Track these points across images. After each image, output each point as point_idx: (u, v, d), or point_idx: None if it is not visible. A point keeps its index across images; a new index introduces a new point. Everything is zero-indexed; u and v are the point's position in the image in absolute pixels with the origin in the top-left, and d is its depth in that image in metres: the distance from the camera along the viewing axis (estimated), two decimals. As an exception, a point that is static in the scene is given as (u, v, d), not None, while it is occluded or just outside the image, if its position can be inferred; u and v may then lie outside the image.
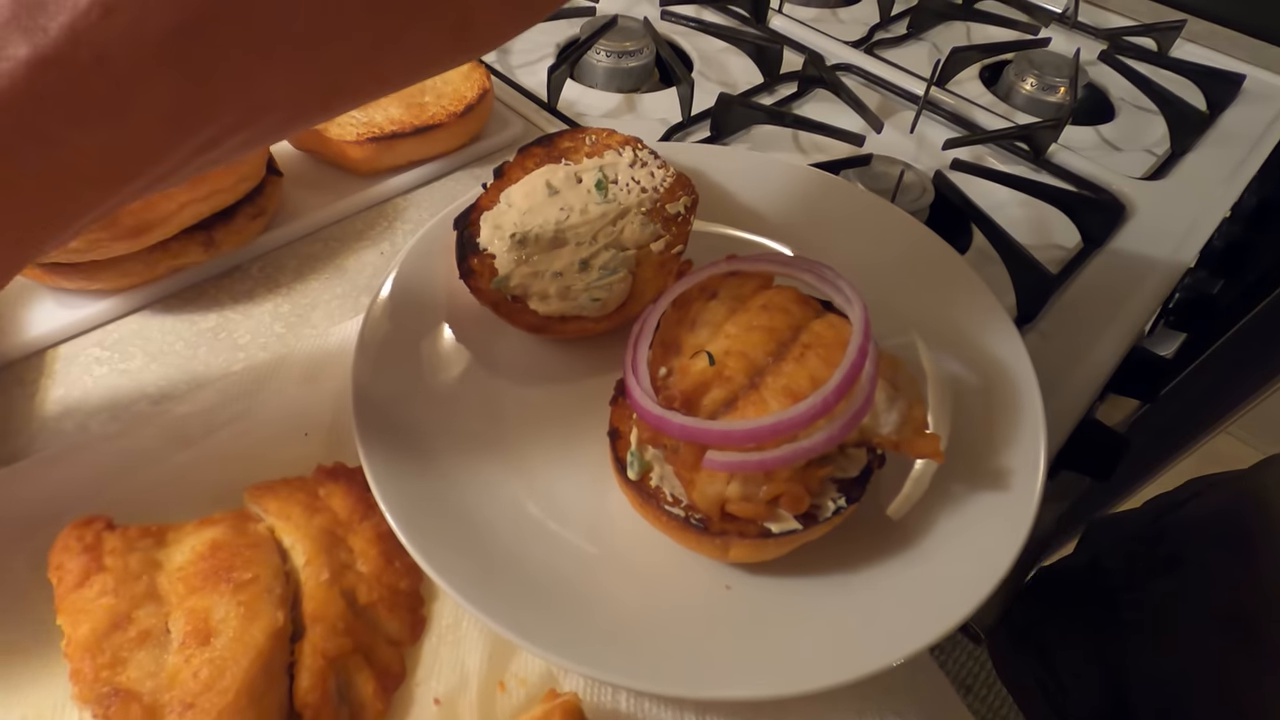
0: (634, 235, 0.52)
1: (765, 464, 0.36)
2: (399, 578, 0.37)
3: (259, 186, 0.57)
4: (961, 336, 0.49)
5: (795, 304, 0.42)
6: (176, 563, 0.34)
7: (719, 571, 0.39)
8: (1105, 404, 0.68)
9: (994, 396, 0.45)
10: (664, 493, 0.39)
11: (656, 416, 0.38)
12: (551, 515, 0.41)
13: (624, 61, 0.82)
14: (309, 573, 0.36)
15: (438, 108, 0.66)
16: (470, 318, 0.50)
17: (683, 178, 0.55)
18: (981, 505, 0.41)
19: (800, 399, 0.37)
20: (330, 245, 0.61)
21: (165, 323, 0.54)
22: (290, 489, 0.39)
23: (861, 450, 0.39)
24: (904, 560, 0.39)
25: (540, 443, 0.44)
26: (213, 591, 0.33)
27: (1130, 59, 0.90)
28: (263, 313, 0.55)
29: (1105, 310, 0.61)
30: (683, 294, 0.44)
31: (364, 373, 0.44)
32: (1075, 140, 0.81)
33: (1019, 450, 0.43)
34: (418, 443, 0.42)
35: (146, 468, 0.43)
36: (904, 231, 0.55)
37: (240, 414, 0.46)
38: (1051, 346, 0.58)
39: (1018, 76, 0.89)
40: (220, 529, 0.36)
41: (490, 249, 0.51)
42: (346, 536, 0.38)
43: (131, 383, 0.50)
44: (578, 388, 0.48)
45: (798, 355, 0.39)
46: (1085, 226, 0.68)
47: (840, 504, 0.38)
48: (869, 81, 0.86)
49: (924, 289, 0.52)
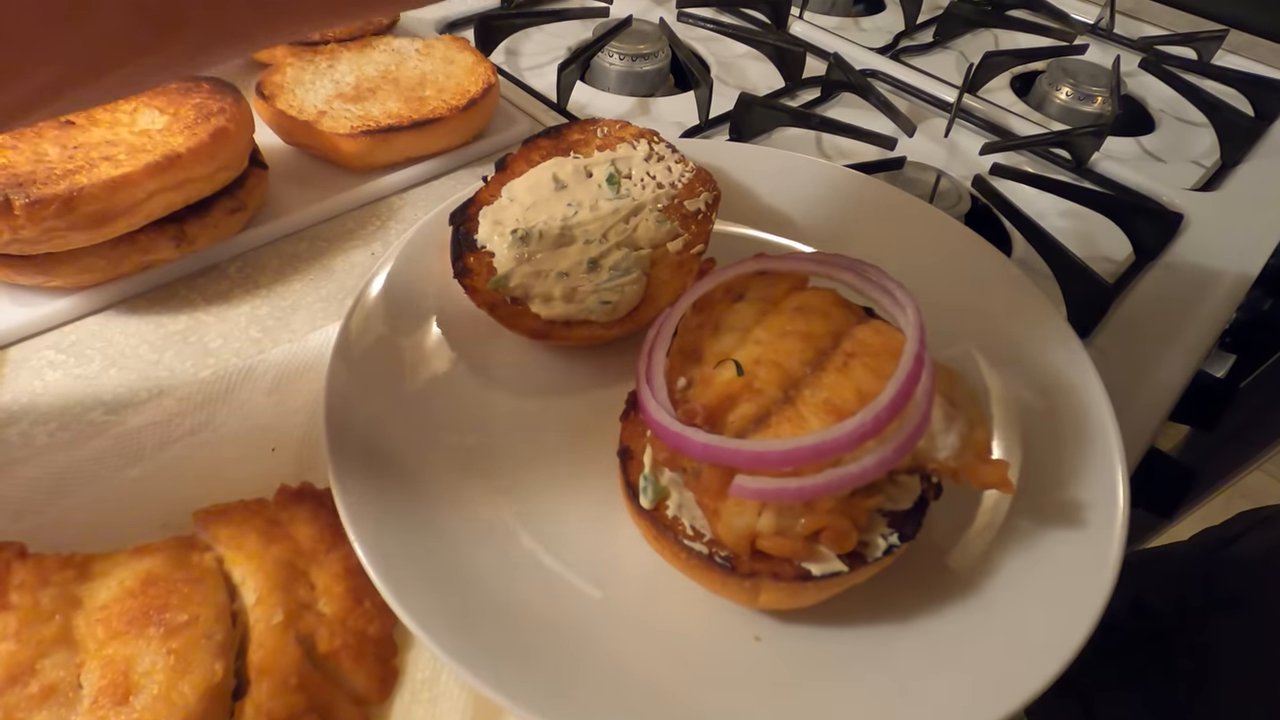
0: (649, 233, 0.46)
1: (804, 492, 0.30)
2: (368, 621, 0.32)
3: (240, 179, 0.52)
4: (1019, 349, 0.43)
5: (835, 307, 0.36)
6: (100, 600, 0.29)
7: (747, 620, 0.33)
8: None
9: (1060, 418, 0.40)
10: (683, 524, 0.33)
11: (675, 434, 0.32)
12: (549, 550, 0.35)
13: (638, 64, 0.78)
14: (259, 614, 0.30)
15: (438, 101, 0.61)
16: (464, 322, 0.45)
17: (703, 173, 0.50)
18: (1054, 545, 0.35)
19: (845, 415, 0.31)
20: (317, 245, 0.56)
21: (129, 324, 0.49)
22: (247, 513, 0.34)
23: (915, 478, 0.34)
24: (963, 609, 0.33)
25: (539, 464, 0.39)
26: (138, 637, 0.27)
27: (1173, 67, 0.85)
28: (238, 315, 0.50)
29: (1167, 327, 0.56)
30: (705, 295, 0.39)
31: (340, 381, 0.39)
32: (1116, 150, 0.76)
33: (1094, 481, 0.37)
34: (398, 463, 0.37)
35: (87, 485, 0.38)
36: (948, 235, 0.50)
37: (201, 425, 0.41)
38: (1109, 366, 0.52)
39: (1051, 85, 0.84)
40: (158, 559, 0.30)
41: (489, 246, 0.46)
42: (309, 570, 0.33)
43: (86, 389, 0.45)
44: (583, 401, 0.42)
45: (840, 365, 0.34)
46: (1138, 237, 0.62)
47: (892, 541, 0.32)
48: (896, 88, 0.81)
49: (974, 297, 0.46)
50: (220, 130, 0.49)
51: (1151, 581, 0.78)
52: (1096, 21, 0.98)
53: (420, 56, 0.66)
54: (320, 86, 0.62)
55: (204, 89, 0.53)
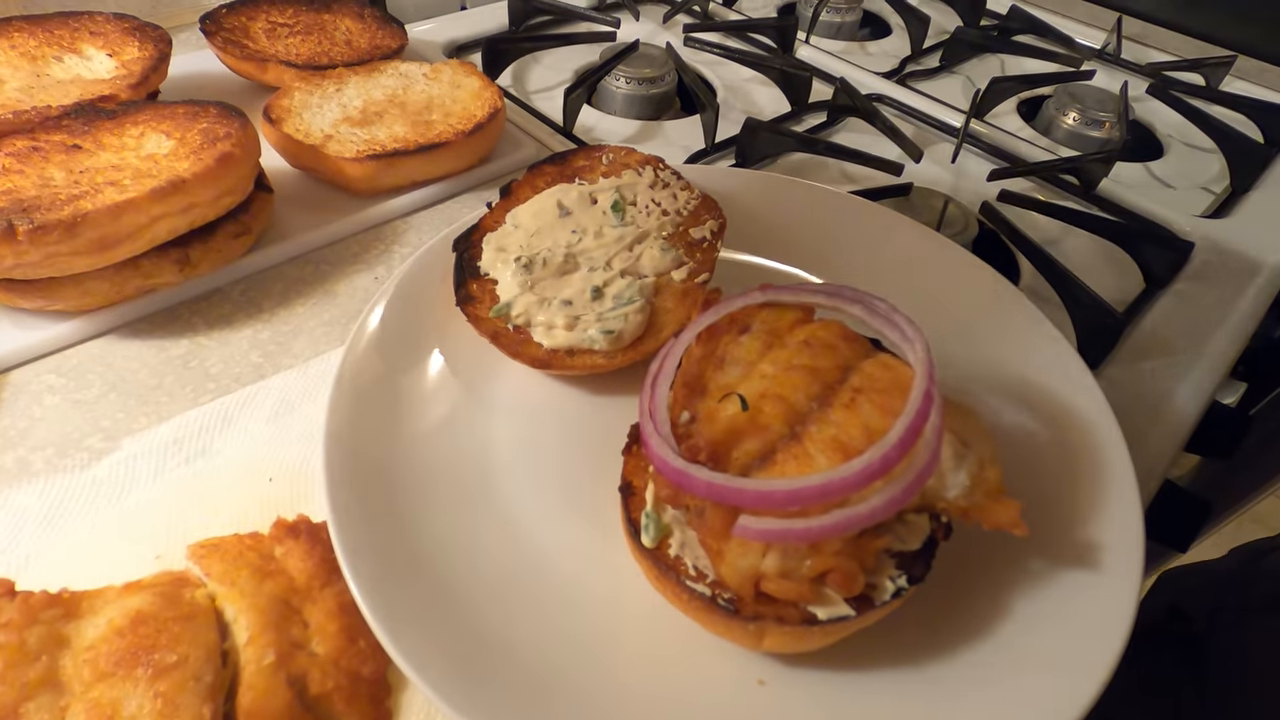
0: (653, 261, 0.46)
1: (810, 534, 0.29)
2: (362, 661, 0.31)
3: (245, 203, 0.52)
4: (1030, 383, 0.42)
5: (842, 340, 0.36)
6: (88, 639, 0.28)
7: (751, 663, 0.32)
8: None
9: (1073, 455, 0.39)
10: (685, 564, 0.32)
11: (677, 470, 0.31)
12: (549, 590, 0.34)
13: (644, 88, 0.78)
14: (250, 654, 0.29)
15: (445, 126, 0.61)
16: (466, 350, 0.44)
17: (709, 200, 0.50)
18: (1070, 589, 0.34)
19: (853, 453, 0.31)
20: (321, 268, 0.56)
21: (131, 348, 0.49)
22: (241, 547, 0.33)
23: (924, 518, 0.33)
24: (976, 654, 0.32)
25: (539, 498, 0.38)
26: (126, 678, 0.27)
27: (1181, 93, 0.85)
28: (240, 339, 0.50)
29: (1179, 357, 0.55)
30: (710, 327, 0.38)
31: (340, 414, 0.38)
32: (1125, 176, 0.75)
33: (1110, 520, 0.36)
34: (396, 497, 0.36)
35: (82, 514, 0.37)
36: (956, 264, 0.50)
37: (198, 453, 0.41)
38: (1121, 397, 0.51)
39: (1059, 110, 0.84)
40: (148, 596, 0.30)
41: (492, 273, 0.46)
42: (303, 607, 0.32)
43: (85, 415, 0.44)
44: (586, 433, 0.41)
45: (847, 401, 0.33)
46: (1149, 265, 0.62)
47: (901, 584, 0.31)
48: (902, 112, 0.81)
49: (983, 328, 0.45)
50: (225, 155, 0.49)
51: (1189, 589, 0.77)
52: (1104, 47, 0.98)
53: (428, 81, 0.67)
54: (327, 110, 0.62)
55: (211, 114, 0.53)
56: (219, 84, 0.70)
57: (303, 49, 0.71)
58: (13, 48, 0.61)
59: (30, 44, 0.62)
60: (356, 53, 0.71)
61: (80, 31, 0.63)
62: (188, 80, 0.70)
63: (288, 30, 0.73)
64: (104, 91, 0.57)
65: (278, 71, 0.67)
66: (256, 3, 0.74)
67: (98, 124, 0.51)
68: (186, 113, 0.53)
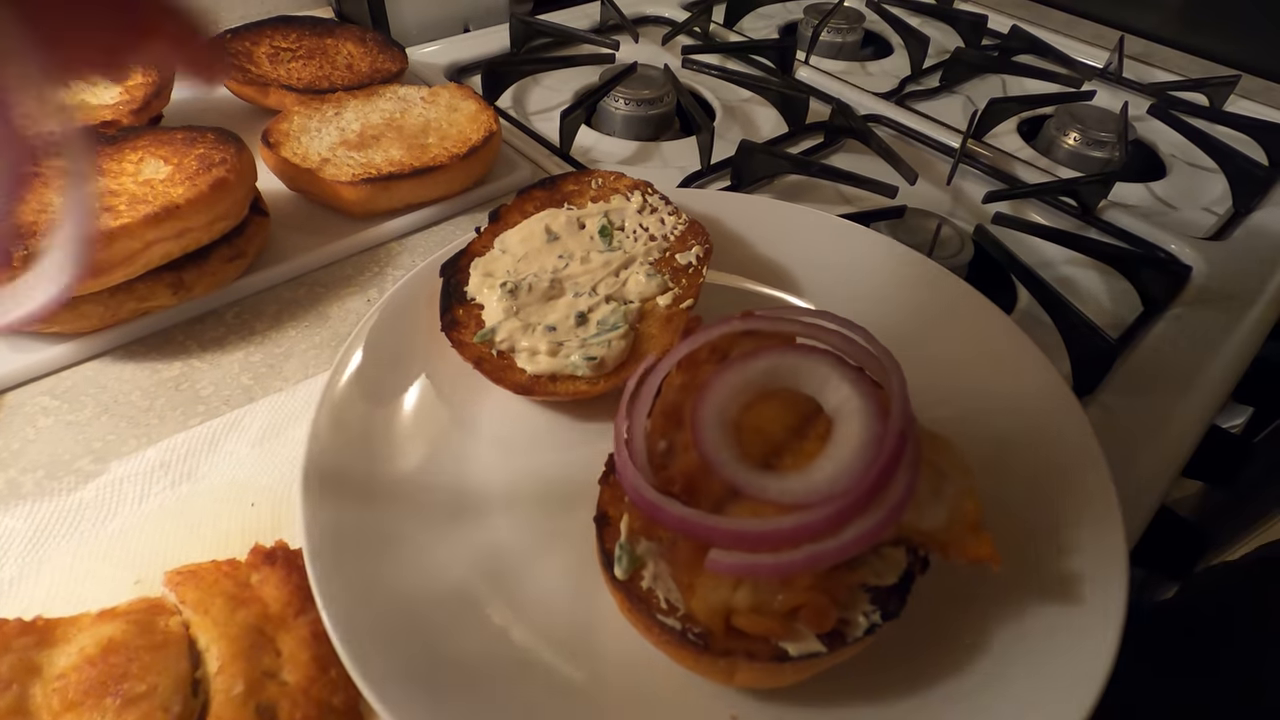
0: (639, 287, 0.46)
1: (781, 568, 0.29)
2: (332, 691, 0.31)
3: (240, 227, 0.53)
4: (1014, 411, 0.42)
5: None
6: (59, 668, 0.28)
7: (722, 698, 0.32)
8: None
9: (1056, 485, 0.38)
10: (658, 597, 0.32)
11: (650, 503, 0.31)
12: (523, 623, 0.34)
13: (643, 109, 0.79)
14: (220, 684, 0.29)
15: (440, 149, 0.62)
16: (451, 375, 0.44)
17: (696, 225, 0.50)
18: (1051, 623, 0.33)
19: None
20: (315, 290, 0.56)
21: (124, 371, 0.49)
22: (217, 574, 0.33)
23: (900, 551, 0.32)
24: (953, 690, 0.32)
25: (517, 527, 0.38)
26: (94, 708, 0.27)
27: (1182, 114, 0.84)
28: (231, 362, 0.50)
29: (1176, 382, 0.54)
30: (690, 355, 0.38)
31: (321, 437, 0.38)
32: (1125, 197, 0.75)
33: (1092, 551, 0.35)
34: (372, 525, 0.36)
35: (66, 537, 0.38)
36: (944, 289, 0.49)
37: (184, 476, 0.41)
38: (1116, 423, 0.51)
39: (1059, 130, 0.83)
40: (121, 624, 0.30)
41: (479, 298, 0.46)
42: (276, 635, 0.32)
43: (77, 437, 0.45)
44: (565, 460, 0.41)
45: (823, 432, 0.33)
46: (1146, 289, 0.61)
47: (874, 619, 0.31)
48: (900, 133, 0.81)
49: (968, 355, 0.45)
50: (220, 181, 0.49)
51: (1204, 589, 0.75)
52: (1105, 67, 0.97)
53: (425, 104, 0.67)
54: (326, 134, 0.63)
55: (208, 139, 0.54)
56: (221, 108, 0.72)
57: (304, 73, 0.72)
58: (21, 74, 0.62)
59: (38, 70, 0.63)
60: (357, 76, 0.72)
61: (87, 58, 0.65)
62: (191, 104, 0.71)
63: (290, 55, 0.74)
64: (106, 117, 0.58)
65: (279, 95, 0.68)
66: (260, 28, 0.75)
67: (97, 150, 0.52)
68: (184, 138, 0.54)
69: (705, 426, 0.33)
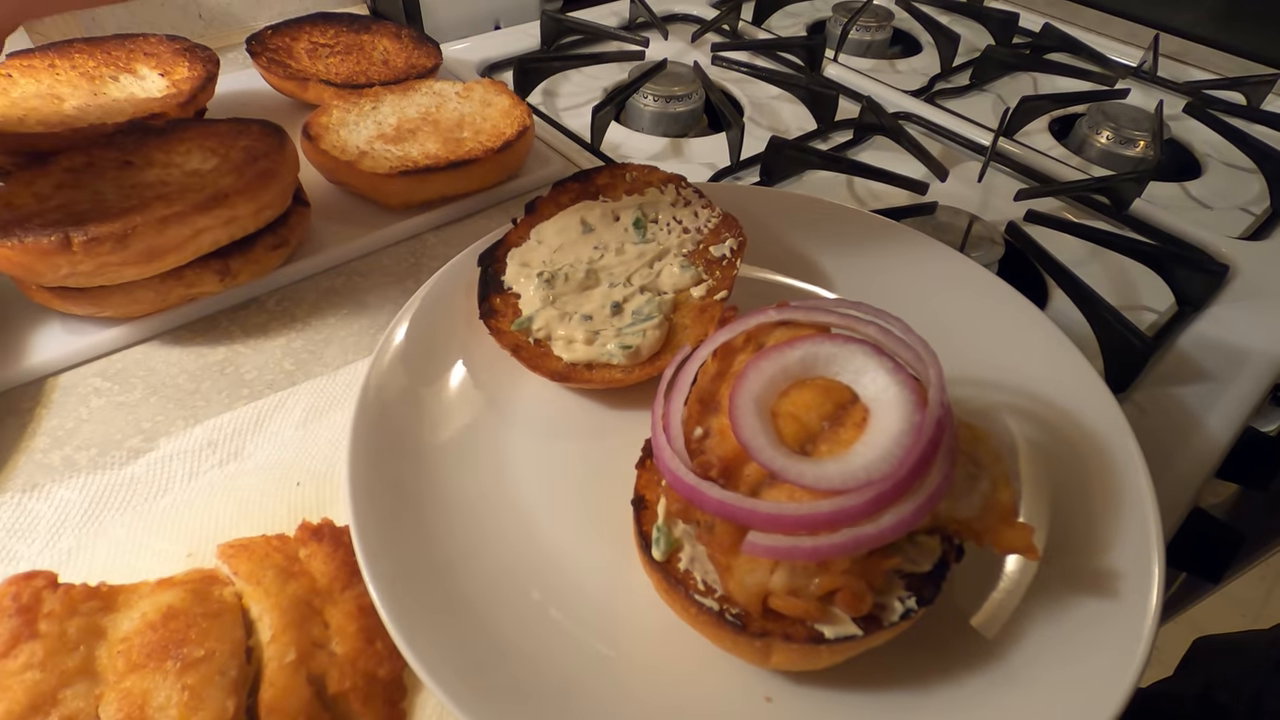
0: (673, 278, 0.47)
1: (819, 552, 0.30)
2: (378, 663, 0.32)
3: (283, 216, 0.54)
4: (1049, 406, 0.42)
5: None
6: (122, 631, 0.30)
7: (758, 679, 0.33)
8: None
9: (1092, 480, 0.38)
10: (695, 579, 0.32)
11: (689, 486, 0.32)
12: (560, 602, 0.35)
13: (672, 106, 0.79)
14: (273, 651, 0.30)
15: (475, 143, 0.63)
16: (488, 362, 0.45)
17: (729, 218, 0.50)
18: (1084, 616, 0.33)
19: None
20: (353, 280, 0.58)
21: (171, 354, 0.51)
22: (268, 548, 0.34)
23: (935, 539, 0.33)
24: (985, 681, 0.32)
25: (555, 509, 0.39)
26: (156, 670, 0.28)
27: (1219, 112, 0.83)
28: (274, 348, 0.52)
29: (1211, 383, 0.53)
30: (726, 344, 0.39)
31: (365, 420, 0.39)
32: (1159, 196, 0.74)
33: (1127, 547, 0.35)
34: (415, 504, 0.37)
35: (120, 511, 0.39)
36: (977, 285, 0.49)
37: (231, 455, 0.42)
38: (1150, 422, 0.50)
39: (1091, 129, 0.83)
40: (179, 592, 0.31)
41: (515, 288, 0.47)
42: (324, 608, 0.33)
43: (127, 417, 0.47)
44: (602, 446, 0.42)
45: (859, 420, 0.33)
46: (1181, 288, 0.60)
47: (910, 605, 0.31)
48: (930, 131, 0.81)
49: (1002, 350, 0.45)
50: (266, 171, 0.51)
51: (1224, 673, 0.73)
52: (1139, 65, 0.96)
53: (460, 99, 0.69)
54: (363, 128, 0.64)
55: (253, 131, 0.55)
56: (263, 101, 0.73)
57: (342, 68, 0.74)
58: (73, 68, 0.64)
59: (89, 64, 0.65)
60: (393, 72, 0.74)
61: (135, 52, 0.67)
62: (233, 98, 0.73)
63: (328, 50, 0.76)
64: (155, 109, 0.60)
65: (318, 90, 0.70)
66: (299, 24, 0.77)
67: (147, 141, 0.54)
68: (230, 130, 0.55)
69: (742, 413, 0.33)
